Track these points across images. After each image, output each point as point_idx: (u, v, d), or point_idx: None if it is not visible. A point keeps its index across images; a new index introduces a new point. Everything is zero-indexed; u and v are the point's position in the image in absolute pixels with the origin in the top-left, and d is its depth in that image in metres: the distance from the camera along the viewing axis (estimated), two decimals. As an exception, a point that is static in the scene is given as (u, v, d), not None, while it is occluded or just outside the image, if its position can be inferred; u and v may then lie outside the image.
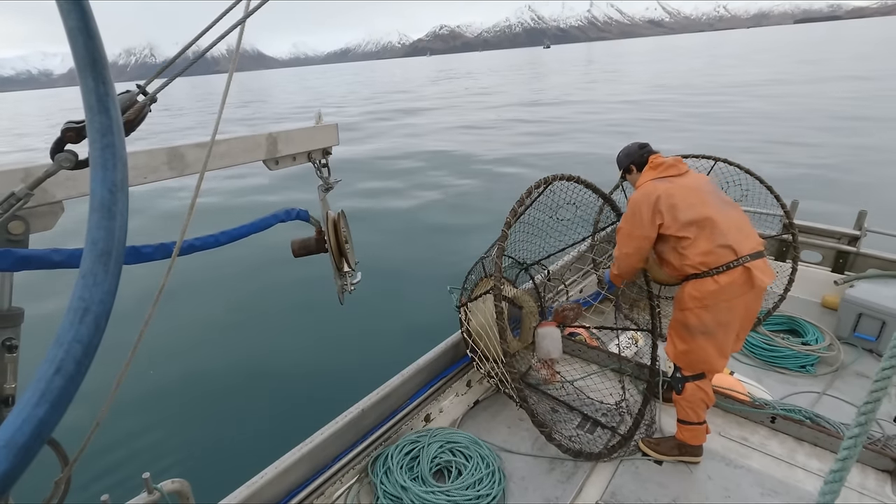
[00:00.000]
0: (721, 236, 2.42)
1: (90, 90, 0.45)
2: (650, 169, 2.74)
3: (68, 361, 0.38)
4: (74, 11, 0.45)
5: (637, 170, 2.82)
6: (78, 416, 0.97)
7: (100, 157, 0.45)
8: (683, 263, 2.50)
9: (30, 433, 0.35)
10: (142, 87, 1.14)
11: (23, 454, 0.35)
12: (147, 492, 1.60)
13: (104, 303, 0.41)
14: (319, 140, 1.70)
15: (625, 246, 2.68)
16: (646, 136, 16.72)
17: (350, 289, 1.78)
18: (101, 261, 0.42)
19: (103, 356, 0.58)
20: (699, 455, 2.80)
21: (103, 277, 0.41)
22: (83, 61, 0.45)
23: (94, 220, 0.43)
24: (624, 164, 2.89)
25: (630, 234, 2.64)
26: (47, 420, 0.36)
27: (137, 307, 1.49)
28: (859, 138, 15.28)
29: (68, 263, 1.08)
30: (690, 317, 2.52)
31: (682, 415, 2.74)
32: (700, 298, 2.46)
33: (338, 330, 6.49)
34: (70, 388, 0.38)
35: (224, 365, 6.06)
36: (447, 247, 9.22)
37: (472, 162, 16.23)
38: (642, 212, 2.56)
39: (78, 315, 0.39)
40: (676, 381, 2.70)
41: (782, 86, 30.65)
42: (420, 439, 2.89)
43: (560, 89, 40.67)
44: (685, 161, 2.81)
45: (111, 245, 0.43)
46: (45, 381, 0.37)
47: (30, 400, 0.36)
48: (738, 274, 2.40)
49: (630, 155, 2.86)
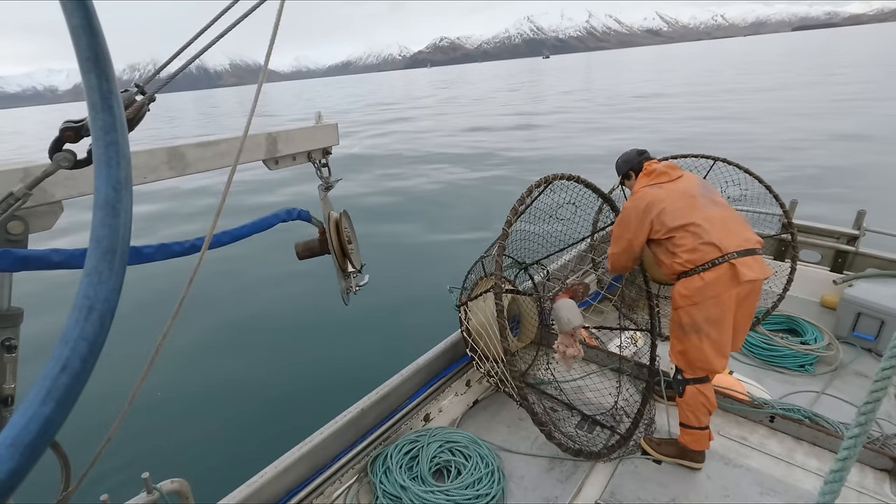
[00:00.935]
0: (706, 234, 2.50)
1: (93, 88, 0.45)
2: (644, 176, 2.87)
3: (74, 359, 0.38)
4: (77, 9, 0.45)
5: (635, 175, 2.92)
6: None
7: (104, 154, 0.45)
8: (673, 262, 2.59)
9: (36, 431, 0.35)
10: (140, 87, 1.14)
11: (29, 452, 0.35)
12: (147, 492, 1.60)
13: (109, 301, 0.41)
14: (319, 140, 1.70)
15: (615, 246, 2.86)
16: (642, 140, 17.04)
17: (355, 290, 1.78)
18: (105, 258, 0.42)
19: (117, 364, 0.57)
20: (700, 461, 2.77)
21: (108, 275, 0.41)
22: (86, 59, 0.45)
23: (98, 217, 0.43)
24: (623, 171, 2.99)
25: (619, 236, 2.80)
26: (53, 418, 0.36)
27: (137, 310, 1.48)
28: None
29: (68, 264, 1.08)
30: (683, 315, 2.58)
31: (683, 418, 2.73)
32: (689, 296, 2.52)
33: (339, 329, 6.48)
34: (76, 387, 0.38)
35: (224, 365, 6.06)
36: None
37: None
38: (630, 217, 2.72)
39: (83, 313, 0.39)
40: (677, 383, 2.70)
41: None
42: (419, 439, 2.89)
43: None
44: (683, 161, 2.82)
45: (116, 243, 0.43)
46: (51, 378, 0.37)
47: (36, 398, 0.36)
48: (723, 270, 2.45)
49: (629, 161, 2.96)
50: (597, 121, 25.20)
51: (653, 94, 37.34)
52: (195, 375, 5.76)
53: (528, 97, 45.50)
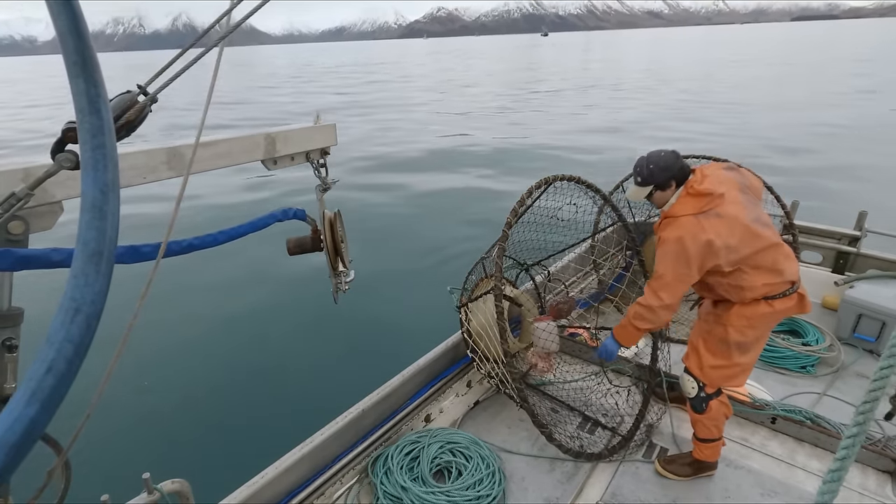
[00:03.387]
0: (774, 265, 2.34)
1: (81, 92, 0.45)
2: (690, 197, 2.33)
3: (59, 361, 0.38)
4: (64, 13, 0.45)
5: (675, 186, 2.41)
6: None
7: (91, 158, 0.45)
8: (742, 295, 2.37)
9: (21, 432, 0.35)
10: (142, 88, 1.14)
11: (14, 453, 0.35)
12: (147, 492, 1.60)
13: (95, 303, 0.41)
14: (318, 140, 1.71)
15: (668, 296, 2.32)
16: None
17: (344, 288, 1.79)
18: (92, 261, 0.42)
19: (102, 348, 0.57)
20: (715, 469, 2.73)
21: (94, 278, 0.41)
22: (73, 63, 0.45)
23: (85, 220, 0.43)
24: (660, 179, 2.39)
25: (676, 282, 2.31)
26: (38, 419, 0.36)
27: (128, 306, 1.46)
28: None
29: (68, 263, 1.08)
30: (734, 333, 2.41)
31: (703, 433, 2.61)
32: (750, 318, 2.39)
33: (339, 329, 6.48)
34: (61, 388, 0.38)
35: (224, 365, 6.06)
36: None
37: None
38: (691, 258, 2.24)
39: (69, 315, 0.39)
40: (700, 400, 2.55)
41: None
42: (420, 440, 2.89)
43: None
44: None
45: (102, 245, 0.43)
46: (36, 380, 0.37)
47: (21, 399, 0.36)
48: (794, 300, 2.39)
49: (668, 169, 2.38)
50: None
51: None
52: (195, 375, 5.77)
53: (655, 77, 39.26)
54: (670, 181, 2.39)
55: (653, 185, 2.42)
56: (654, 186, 2.42)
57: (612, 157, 14.07)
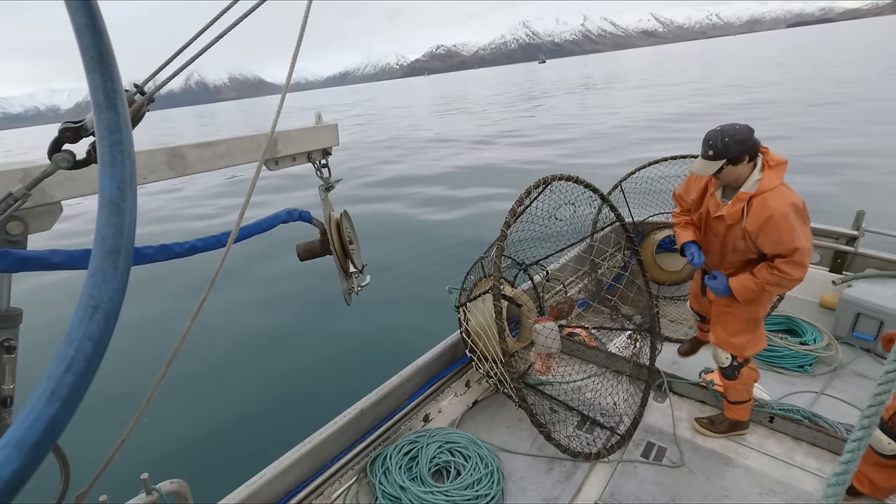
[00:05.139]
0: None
1: (98, 87, 0.45)
2: (771, 170, 2.37)
3: (79, 359, 0.38)
4: (82, 8, 0.45)
5: (748, 160, 2.38)
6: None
7: (108, 153, 0.45)
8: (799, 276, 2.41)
9: (41, 431, 0.35)
10: (139, 87, 1.14)
11: (34, 452, 0.35)
12: (146, 492, 1.59)
13: (114, 300, 0.41)
14: (319, 140, 1.70)
15: (808, 261, 2.37)
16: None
17: (357, 290, 1.78)
18: (110, 258, 0.42)
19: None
20: (747, 428, 3.00)
21: (112, 275, 0.41)
22: (91, 58, 0.45)
23: (102, 217, 0.43)
24: (734, 153, 2.35)
25: (811, 245, 2.36)
26: (58, 418, 0.36)
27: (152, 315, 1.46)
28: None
29: (67, 265, 1.07)
30: (760, 310, 2.71)
31: (735, 397, 2.89)
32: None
33: (340, 329, 6.48)
34: (81, 386, 0.38)
35: (224, 365, 6.05)
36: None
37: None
38: (808, 219, 2.33)
39: (88, 313, 0.39)
40: (732, 369, 2.84)
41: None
42: (419, 439, 2.89)
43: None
44: (673, 162, 2.79)
45: (120, 242, 0.43)
46: (56, 378, 0.37)
47: (41, 398, 0.36)
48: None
49: (744, 142, 2.34)
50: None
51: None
52: (195, 375, 5.75)
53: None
54: (744, 155, 2.34)
55: (726, 158, 2.35)
56: (727, 161, 2.36)
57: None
